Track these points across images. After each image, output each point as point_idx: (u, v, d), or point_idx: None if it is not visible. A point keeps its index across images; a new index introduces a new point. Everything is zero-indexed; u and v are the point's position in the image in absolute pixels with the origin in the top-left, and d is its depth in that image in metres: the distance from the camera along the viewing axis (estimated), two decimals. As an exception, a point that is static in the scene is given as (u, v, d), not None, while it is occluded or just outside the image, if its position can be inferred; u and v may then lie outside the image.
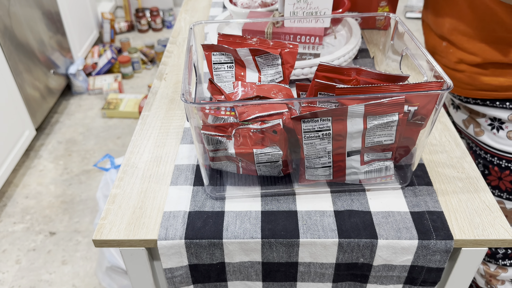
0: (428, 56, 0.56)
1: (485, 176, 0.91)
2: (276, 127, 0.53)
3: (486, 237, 0.55)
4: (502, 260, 0.96)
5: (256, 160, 0.57)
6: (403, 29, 0.63)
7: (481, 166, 0.92)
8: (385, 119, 0.51)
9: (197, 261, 0.58)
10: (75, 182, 1.95)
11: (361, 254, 0.56)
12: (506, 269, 0.97)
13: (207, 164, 0.61)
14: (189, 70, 0.55)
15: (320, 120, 0.51)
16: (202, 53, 0.65)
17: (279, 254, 0.57)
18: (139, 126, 0.75)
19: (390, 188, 0.62)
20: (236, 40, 0.64)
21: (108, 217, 0.59)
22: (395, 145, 0.55)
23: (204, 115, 0.57)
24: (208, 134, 0.54)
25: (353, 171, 0.58)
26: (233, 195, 0.61)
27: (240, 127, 0.54)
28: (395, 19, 0.66)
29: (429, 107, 0.52)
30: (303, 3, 0.81)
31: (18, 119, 1.93)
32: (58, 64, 2.38)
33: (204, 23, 0.68)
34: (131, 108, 2.38)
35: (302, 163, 0.57)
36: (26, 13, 2.05)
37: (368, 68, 0.57)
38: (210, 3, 1.24)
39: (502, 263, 0.96)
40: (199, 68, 0.68)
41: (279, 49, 0.63)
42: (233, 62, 0.63)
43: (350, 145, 0.54)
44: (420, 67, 0.58)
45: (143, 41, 3.16)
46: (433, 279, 0.59)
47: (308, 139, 0.53)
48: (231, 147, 0.55)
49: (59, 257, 1.61)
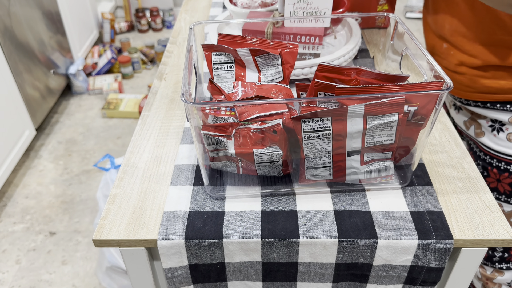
0: (428, 56, 0.56)
1: (484, 178, 0.91)
2: (276, 127, 0.53)
3: (486, 237, 0.55)
4: (499, 263, 0.96)
5: (256, 160, 0.57)
6: (403, 29, 0.63)
7: (480, 167, 0.91)
8: (385, 119, 0.51)
9: (197, 261, 0.58)
10: (75, 182, 1.95)
11: (361, 254, 0.56)
12: (503, 273, 0.97)
13: (207, 164, 0.61)
14: (189, 70, 0.55)
15: (320, 120, 0.51)
16: (202, 53, 0.65)
17: (279, 254, 0.57)
18: (139, 126, 0.75)
19: (390, 188, 0.62)
20: (236, 40, 0.64)
21: (108, 217, 0.59)
22: (395, 145, 0.55)
23: (204, 115, 0.57)
24: (208, 134, 0.54)
25: (353, 171, 0.58)
26: (233, 195, 0.61)
27: (240, 127, 0.54)
28: (395, 19, 0.66)
29: (429, 107, 0.52)
30: (303, 3, 0.81)
31: (18, 119, 1.93)
32: (58, 64, 2.38)
33: (204, 23, 0.68)
34: (131, 108, 2.38)
35: (302, 163, 0.57)
36: (26, 13, 2.05)
37: (368, 68, 0.57)
38: (210, 3, 1.24)
39: (499, 266, 0.96)
40: (199, 68, 0.68)
41: (279, 49, 0.63)
42: (233, 62, 0.63)
43: (350, 145, 0.54)
44: (420, 67, 0.58)
45: (143, 41, 3.16)
46: (433, 279, 0.59)
47: (308, 139, 0.53)
48: (231, 147, 0.55)
49: (59, 257, 1.61)
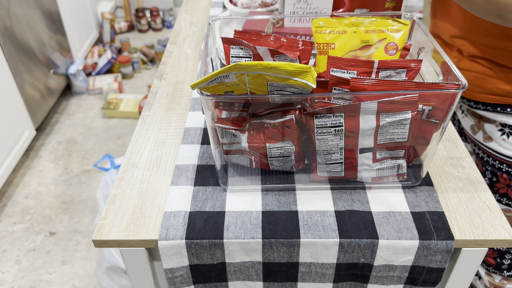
0: (444, 56, 0.56)
1: (493, 184, 0.89)
2: (289, 122, 0.53)
3: (486, 237, 0.55)
4: (507, 271, 0.94)
5: (268, 154, 0.57)
6: (421, 28, 0.63)
7: (489, 173, 0.90)
8: (398, 116, 0.51)
9: (198, 261, 0.58)
10: (75, 182, 1.95)
11: (362, 254, 0.56)
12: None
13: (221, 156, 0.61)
14: (205, 64, 0.56)
15: (332, 116, 0.51)
16: (216, 50, 0.65)
17: (280, 254, 0.57)
18: (139, 126, 0.75)
19: (391, 188, 0.62)
20: (252, 37, 0.64)
21: (108, 217, 0.59)
22: (408, 143, 0.55)
23: (219, 111, 0.57)
24: (223, 127, 0.55)
25: (365, 168, 0.58)
26: (236, 189, 0.62)
27: (253, 121, 0.54)
28: (412, 18, 0.66)
29: (443, 107, 0.52)
30: (303, 3, 0.81)
31: (18, 119, 1.93)
32: (58, 64, 2.37)
33: (222, 18, 0.68)
34: (131, 108, 2.38)
35: (314, 159, 0.57)
36: (26, 13, 2.04)
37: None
38: (210, 3, 1.24)
39: (508, 274, 0.95)
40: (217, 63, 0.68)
41: (297, 51, 0.63)
42: (251, 57, 0.63)
43: (362, 142, 0.54)
44: (435, 67, 0.58)
45: (143, 41, 3.16)
46: (434, 279, 0.59)
47: (321, 135, 0.53)
48: (245, 140, 0.56)
49: (59, 257, 1.61)
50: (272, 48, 0.61)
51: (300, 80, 0.48)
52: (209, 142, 0.71)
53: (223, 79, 0.50)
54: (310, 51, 0.63)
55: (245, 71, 0.49)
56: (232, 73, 0.49)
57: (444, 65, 0.56)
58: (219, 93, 0.53)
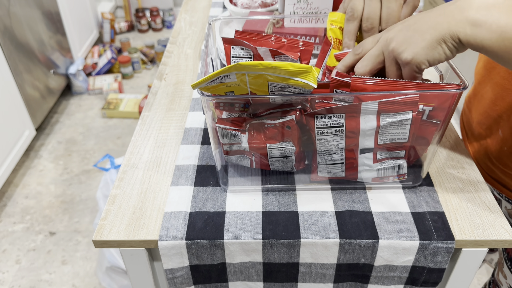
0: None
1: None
2: (290, 122, 0.53)
3: (486, 237, 0.55)
4: None
5: (269, 154, 0.57)
6: None
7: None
8: (399, 117, 0.51)
9: (198, 261, 0.58)
10: (75, 182, 1.95)
11: (362, 255, 0.56)
12: None
13: (221, 157, 0.61)
14: (206, 64, 0.56)
15: (333, 116, 0.51)
16: (217, 50, 0.65)
17: (280, 254, 0.57)
18: (139, 126, 0.75)
19: (391, 188, 0.62)
20: (253, 37, 0.64)
21: (108, 217, 0.59)
22: (408, 143, 0.55)
23: (219, 112, 0.57)
24: (223, 127, 0.55)
25: (366, 168, 0.58)
26: (236, 189, 0.61)
27: (254, 122, 0.54)
28: None
29: (444, 107, 0.52)
30: (303, 3, 0.81)
31: (18, 119, 1.93)
32: (58, 64, 2.37)
33: (222, 19, 0.68)
34: (131, 108, 2.38)
35: (315, 160, 0.57)
36: (26, 13, 2.04)
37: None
38: (210, 3, 1.24)
39: None
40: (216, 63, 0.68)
41: (298, 52, 0.63)
42: (251, 57, 0.63)
43: (363, 142, 0.54)
44: (437, 69, 0.58)
45: (143, 41, 3.16)
46: (434, 280, 0.59)
47: (321, 135, 0.53)
48: (245, 141, 0.56)
49: (59, 257, 1.61)
50: (273, 49, 0.61)
51: (301, 80, 0.48)
52: (210, 143, 0.71)
53: (223, 79, 0.50)
54: (310, 51, 0.63)
55: (246, 71, 0.48)
56: (233, 73, 0.49)
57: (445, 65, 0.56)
58: (220, 93, 0.53)
